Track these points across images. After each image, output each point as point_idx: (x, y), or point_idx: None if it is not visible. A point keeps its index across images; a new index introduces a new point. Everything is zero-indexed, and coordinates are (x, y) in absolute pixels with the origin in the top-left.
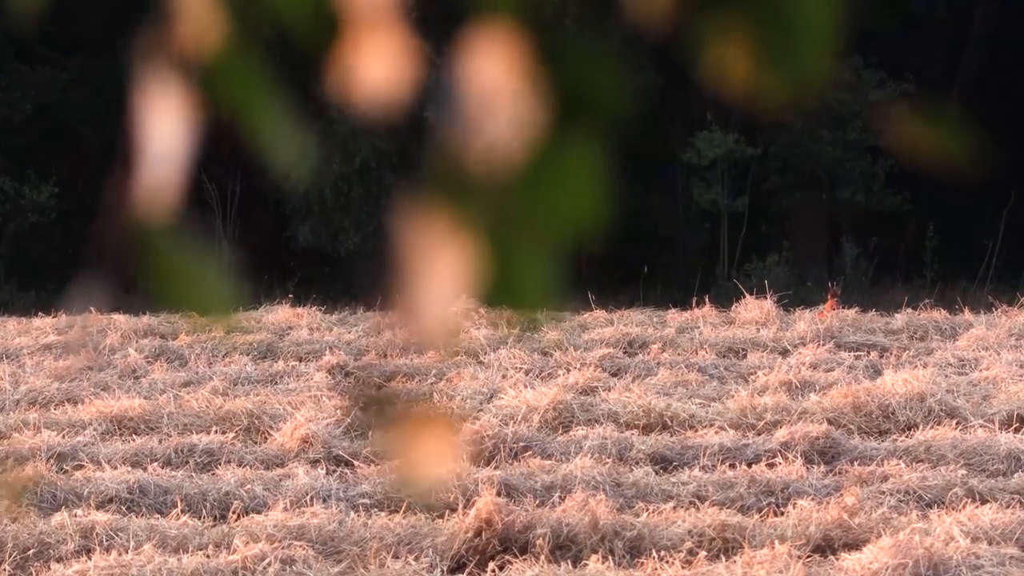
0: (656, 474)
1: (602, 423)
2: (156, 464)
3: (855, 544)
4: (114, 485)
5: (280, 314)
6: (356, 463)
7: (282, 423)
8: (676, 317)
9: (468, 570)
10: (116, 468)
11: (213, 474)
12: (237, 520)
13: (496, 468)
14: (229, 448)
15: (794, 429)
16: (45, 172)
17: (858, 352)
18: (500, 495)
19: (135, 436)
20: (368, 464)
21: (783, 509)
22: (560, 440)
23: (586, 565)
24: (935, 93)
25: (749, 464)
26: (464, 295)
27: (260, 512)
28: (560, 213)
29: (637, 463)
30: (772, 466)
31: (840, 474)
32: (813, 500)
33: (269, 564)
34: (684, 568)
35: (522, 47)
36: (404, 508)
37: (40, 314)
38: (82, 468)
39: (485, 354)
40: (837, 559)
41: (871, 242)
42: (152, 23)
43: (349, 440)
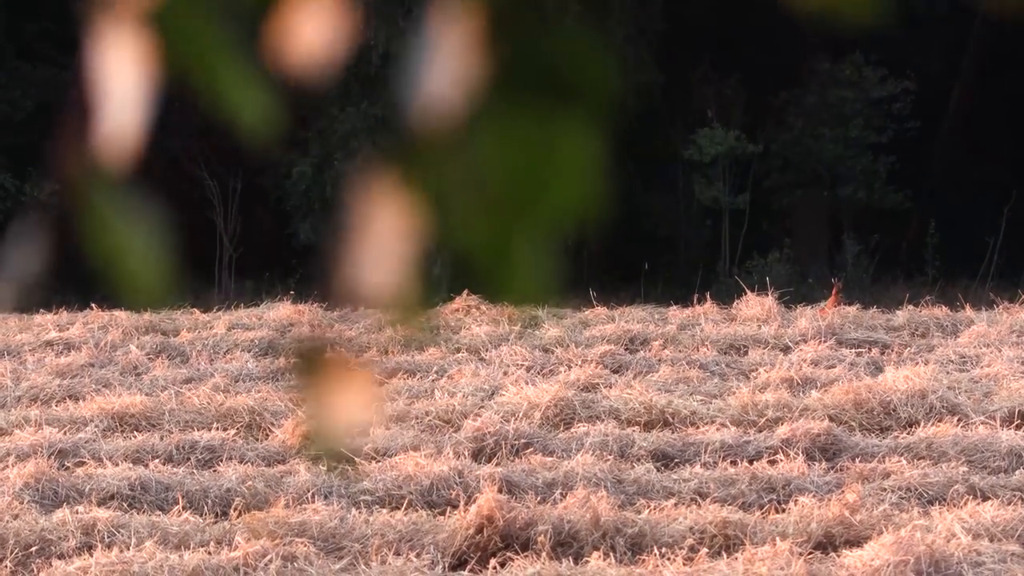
0: (657, 471)
1: (603, 420)
2: (157, 461)
3: (856, 541)
4: (115, 482)
5: (281, 311)
6: (357, 460)
7: (283, 420)
8: (677, 314)
9: (469, 567)
10: (117, 465)
11: (214, 471)
12: (238, 517)
13: (497, 465)
14: (230, 445)
15: (795, 426)
16: (46, 170)
17: (859, 349)
18: (501, 492)
19: (137, 433)
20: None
21: (784, 506)
22: (561, 437)
23: (587, 562)
24: (936, 91)
25: (750, 461)
26: (465, 290)
27: (261, 509)
28: (555, 201)
29: (638, 460)
30: (773, 463)
31: (841, 471)
32: (814, 497)
33: (270, 561)
34: (685, 565)
35: (484, 21)
36: (405, 505)
37: (41, 311)
38: (83, 465)
39: (486, 351)
40: (838, 556)
41: (872, 239)
42: None
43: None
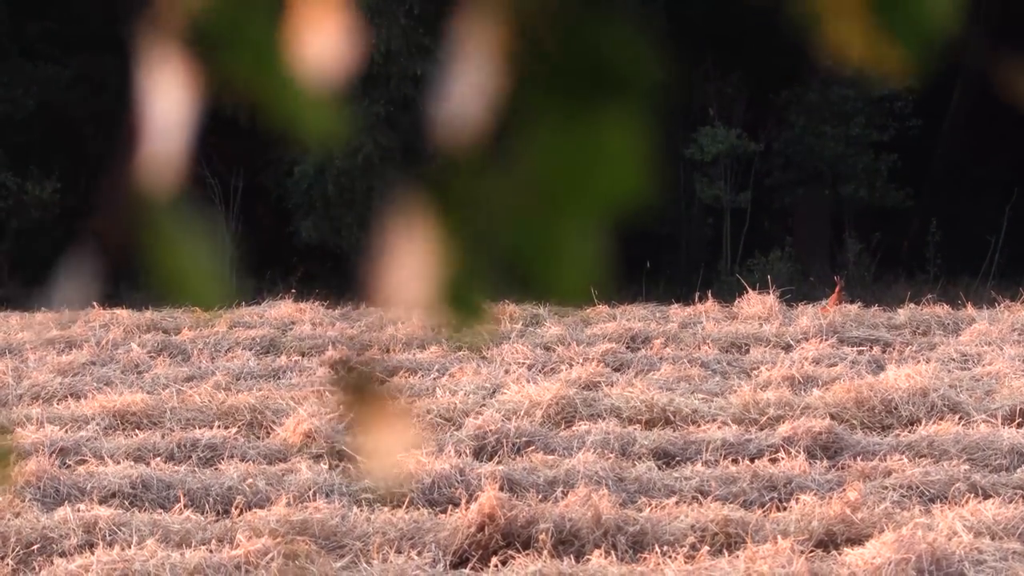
0: (659, 469)
1: (605, 418)
2: (159, 459)
3: (858, 539)
4: (117, 480)
5: (283, 309)
6: (358, 458)
7: (285, 418)
8: (679, 312)
9: (471, 565)
10: (119, 463)
11: (216, 469)
12: (240, 515)
13: (499, 463)
14: (232, 443)
15: (797, 424)
16: (47, 168)
17: (861, 347)
18: (503, 490)
19: (138, 431)
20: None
21: (786, 504)
22: (563, 435)
23: (589, 560)
24: (938, 90)
25: (752, 459)
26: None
27: (263, 507)
28: (599, 190)
29: (640, 458)
30: (775, 461)
31: (843, 469)
32: (816, 495)
33: (272, 559)
34: (687, 563)
35: (516, 26)
36: (407, 503)
37: (43, 309)
38: (85, 463)
39: (488, 349)
40: (840, 554)
41: (874, 237)
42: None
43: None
